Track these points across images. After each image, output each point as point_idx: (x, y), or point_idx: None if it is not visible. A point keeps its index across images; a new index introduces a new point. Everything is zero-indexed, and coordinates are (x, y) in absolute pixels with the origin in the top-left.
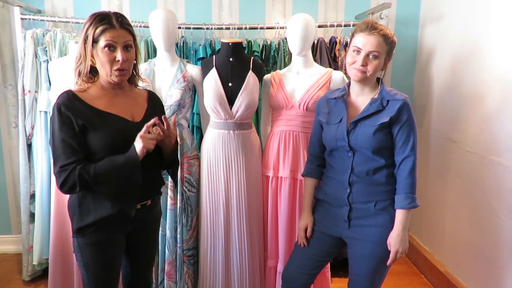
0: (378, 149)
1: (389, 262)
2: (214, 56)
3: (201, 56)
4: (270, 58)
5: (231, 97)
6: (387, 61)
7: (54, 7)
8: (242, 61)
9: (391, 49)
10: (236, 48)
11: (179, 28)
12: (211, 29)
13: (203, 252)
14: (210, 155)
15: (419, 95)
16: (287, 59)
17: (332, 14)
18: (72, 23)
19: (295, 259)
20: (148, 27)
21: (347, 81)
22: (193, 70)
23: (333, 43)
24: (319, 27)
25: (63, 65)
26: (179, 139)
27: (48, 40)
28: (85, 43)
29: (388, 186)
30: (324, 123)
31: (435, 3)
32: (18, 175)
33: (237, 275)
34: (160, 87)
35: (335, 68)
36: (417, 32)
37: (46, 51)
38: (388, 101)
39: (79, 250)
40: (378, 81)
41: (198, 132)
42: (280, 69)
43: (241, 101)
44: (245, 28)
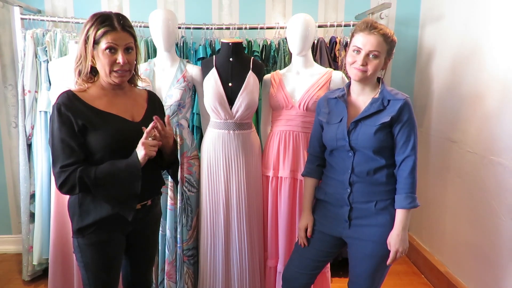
0: (379, 149)
1: (389, 262)
2: (214, 56)
3: (201, 56)
4: (270, 58)
5: (231, 97)
6: (387, 60)
7: (54, 7)
8: (242, 61)
9: (391, 48)
10: (236, 48)
11: (179, 28)
12: (211, 29)
13: (203, 252)
14: (210, 155)
15: (419, 95)
16: (287, 59)
17: (332, 14)
18: (72, 23)
19: (296, 259)
20: (148, 27)
21: (347, 81)
22: (193, 70)
23: (333, 43)
24: (319, 27)
25: (63, 65)
26: (179, 139)
27: (48, 40)
28: (85, 43)
29: (389, 186)
30: (324, 123)
31: (435, 3)
32: (18, 175)
33: (237, 275)
34: (160, 87)
35: (335, 68)
36: (417, 32)
37: (46, 51)
38: (389, 100)
39: (79, 250)
40: (378, 80)
41: (198, 132)
42: (280, 69)
43: (241, 101)
44: (245, 28)
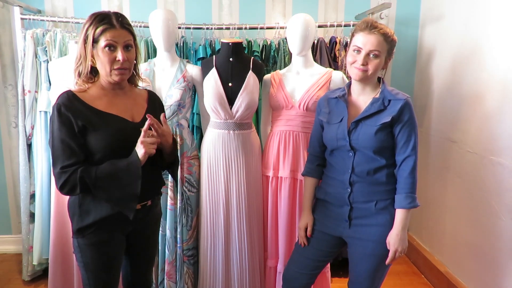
0: (379, 149)
1: (388, 261)
2: (214, 56)
3: (201, 56)
4: (270, 58)
5: (231, 97)
6: (387, 60)
7: (54, 7)
8: (242, 61)
9: (391, 48)
10: (236, 48)
11: (179, 28)
12: (211, 29)
13: (203, 252)
14: (210, 155)
15: (419, 95)
16: (287, 59)
17: (332, 14)
18: (72, 23)
19: (296, 259)
20: (148, 27)
21: (347, 81)
22: (193, 70)
23: (333, 43)
24: (319, 27)
25: (63, 65)
26: (179, 139)
27: (48, 40)
28: (85, 43)
29: (389, 186)
30: (324, 123)
31: (435, 3)
32: (18, 175)
33: (237, 275)
34: (160, 87)
35: (335, 68)
36: (417, 32)
37: (46, 51)
38: (389, 100)
39: (79, 250)
40: (379, 80)
41: (198, 132)
42: (280, 69)
43: (241, 101)
44: (245, 28)
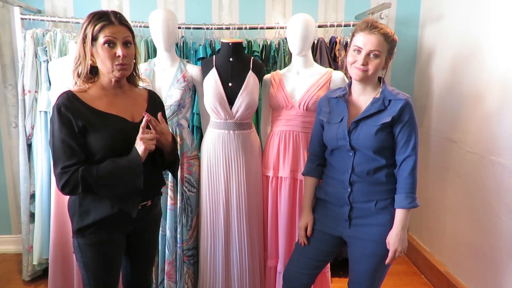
0: (380, 149)
1: (387, 261)
2: (214, 56)
3: (201, 56)
4: (270, 58)
5: (231, 97)
6: (388, 60)
7: (54, 7)
8: (242, 61)
9: (392, 47)
10: (236, 48)
11: (179, 28)
12: (211, 29)
13: (203, 252)
14: (210, 155)
15: (419, 95)
16: (287, 59)
17: (332, 14)
18: (72, 23)
19: (296, 259)
20: (148, 27)
21: (347, 81)
22: (193, 70)
23: (333, 43)
24: (319, 27)
25: (63, 65)
26: (179, 139)
27: (48, 40)
28: (84, 42)
29: (389, 186)
30: (325, 123)
31: (435, 3)
32: (18, 175)
33: (237, 275)
34: (160, 87)
35: (335, 68)
36: (417, 32)
37: (46, 51)
38: (390, 100)
39: (79, 250)
40: (380, 80)
41: (198, 132)
42: (280, 69)
43: (241, 101)
44: (245, 28)
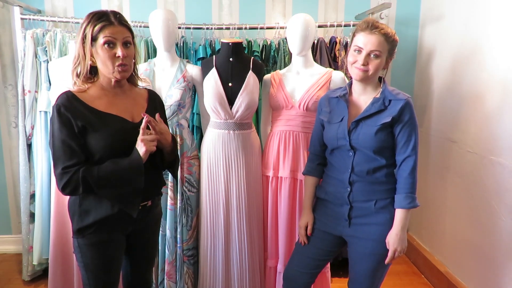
0: (380, 149)
1: (387, 261)
2: (214, 56)
3: (201, 56)
4: (270, 58)
5: (231, 97)
6: (388, 60)
7: (54, 7)
8: (242, 61)
9: (392, 47)
10: (236, 48)
11: (179, 28)
12: (211, 29)
13: (203, 252)
14: (210, 155)
15: (419, 95)
16: (287, 59)
17: (332, 14)
18: (72, 23)
19: (296, 258)
20: (148, 27)
21: (347, 81)
22: (193, 70)
23: (333, 43)
24: (319, 27)
25: (63, 65)
26: (179, 139)
27: (48, 40)
28: (83, 42)
29: (389, 185)
30: (325, 122)
31: (435, 3)
32: (18, 175)
33: (237, 275)
34: (160, 87)
35: (335, 68)
36: (417, 32)
37: (46, 51)
38: (390, 100)
39: (79, 250)
40: (380, 80)
41: (198, 132)
42: (280, 69)
43: (241, 101)
44: (245, 28)
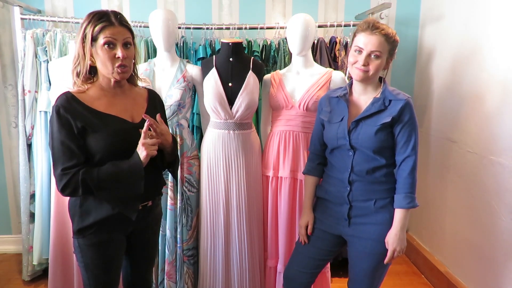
0: (379, 148)
1: (386, 261)
2: (214, 56)
3: (201, 56)
4: (270, 58)
5: (231, 97)
6: (389, 60)
7: (54, 7)
8: (242, 61)
9: (393, 48)
10: (236, 48)
11: (179, 28)
12: (211, 29)
13: (203, 252)
14: (210, 155)
15: (419, 95)
16: (287, 59)
17: (332, 14)
18: (72, 23)
19: (297, 258)
20: (148, 27)
21: (347, 81)
22: (193, 70)
23: (333, 43)
24: (319, 27)
25: (63, 65)
26: (179, 139)
27: (48, 40)
28: (83, 42)
29: (388, 185)
30: (325, 122)
31: (435, 3)
32: (18, 175)
33: (237, 275)
34: (160, 87)
35: (335, 68)
36: (417, 32)
37: (46, 51)
38: (390, 100)
39: (79, 250)
40: (380, 80)
41: (198, 132)
42: (280, 69)
43: (241, 101)
44: (245, 28)
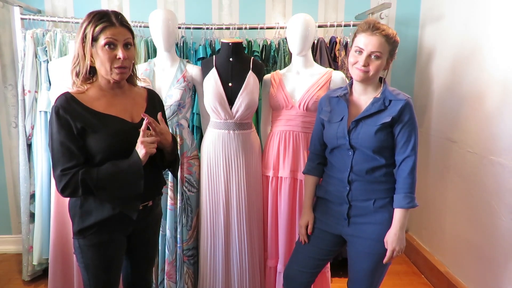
0: (379, 148)
1: (385, 260)
2: (214, 56)
3: (201, 56)
4: (270, 58)
5: (231, 97)
6: (389, 60)
7: (54, 7)
8: (242, 61)
9: (393, 49)
10: (236, 48)
11: (179, 28)
12: (211, 29)
13: (203, 252)
14: (210, 155)
15: (419, 95)
16: (287, 59)
17: (332, 14)
18: (72, 23)
19: (297, 257)
20: (148, 27)
21: (347, 81)
22: (193, 70)
23: (333, 43)
24: (319, 27)
25: (63, 65)
26: (179, 139)
27: (48, 40)
28: (83, 42)
29: (388, 185)
30: (325, 121)
31: (435, 3)
32: (18, 175)
33: (237, 275)
34: (160, 87)
35: (335, 68)
36: (417, 32)
37: (46, 51)
38: (390, 101)
39: (80, 251)
40: (381, 80)
41: (198, 132)
42: (280, 69)
43: (241, 101)
44: (245, 28)
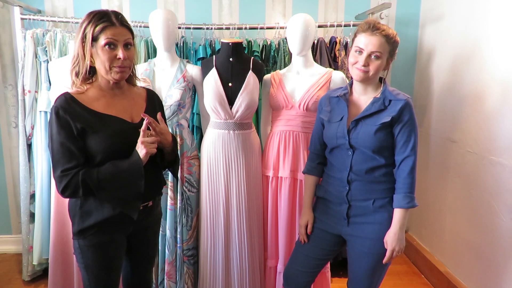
0: (379, 148)
1: (385, 260)
2: (214, 56)
3: (201, 56)
4: (270, 58)
5: (231, 97)
6: (389, 61)
7: (54, 7)
8: (242, 61)
9: (393, 49)
10: (236, 48)
11: (179, 28)
12: (211, 29)
13: (203, 252)
14: (210, 155)
15: (419, 95)
16: (287, 59)
17: (332, 14)
18: (72, 23)
19: (296, 257)
20: (148, 27)
21: (347, 81)
22: (193, 70)
23: (333, 43)
24: (319, 27)
25: (63, 65)
26: (179, 139)
27: (48, 40)
28: (83, 42)
29: (387, 185)
30: (325, 121)
31: (435, 3)
32: (18, 175)
33: (237, 275)
34: (160, 87)
35: (335, 68)
36: (417, 32)
37: (46, 51)
38: (390, 101)
39: (80, 251)
40: (381, 80)
41: (198, 132)
42: (280, 69)
43: (241, 101)
44: (245, 28)
